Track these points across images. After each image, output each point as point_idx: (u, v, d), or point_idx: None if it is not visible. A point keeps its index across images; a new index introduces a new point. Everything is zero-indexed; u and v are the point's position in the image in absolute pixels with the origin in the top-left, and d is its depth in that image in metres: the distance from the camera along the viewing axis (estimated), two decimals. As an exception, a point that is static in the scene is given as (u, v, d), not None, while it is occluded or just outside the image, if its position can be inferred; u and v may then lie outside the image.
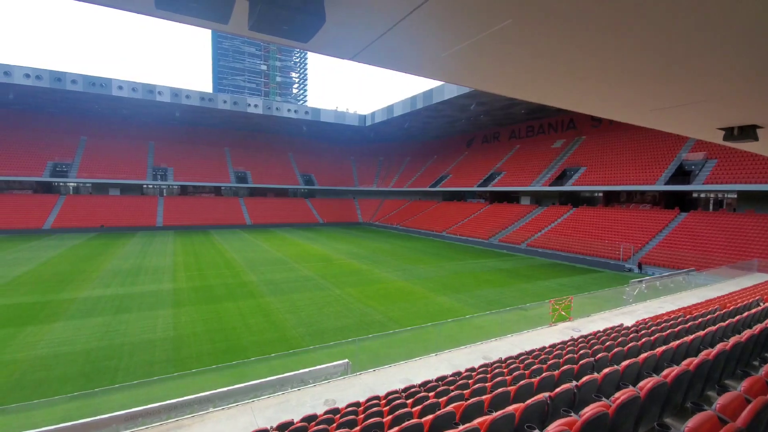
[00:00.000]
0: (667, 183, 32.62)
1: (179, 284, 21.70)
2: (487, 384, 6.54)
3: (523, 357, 9.23)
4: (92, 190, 55.09)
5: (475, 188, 52.99)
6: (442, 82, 45.84)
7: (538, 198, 48.26)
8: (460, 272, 26.83)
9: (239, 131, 69.65)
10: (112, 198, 54.66)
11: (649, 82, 3.47)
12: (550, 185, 43.16)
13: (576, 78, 3.41)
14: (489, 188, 50.97)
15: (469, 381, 7.47)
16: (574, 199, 43.88)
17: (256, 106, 57.45)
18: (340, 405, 7.90)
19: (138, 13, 2.35)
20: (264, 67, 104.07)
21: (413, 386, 8.25)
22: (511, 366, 8.15)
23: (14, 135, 52.90)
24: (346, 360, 10.91)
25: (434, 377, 8.87)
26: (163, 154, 61.43)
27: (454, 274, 26.25)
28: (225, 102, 55.26)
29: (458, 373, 8.89)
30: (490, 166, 55.44)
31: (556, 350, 9.28)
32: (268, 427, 7.06)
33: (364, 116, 66.09)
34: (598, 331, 11.14)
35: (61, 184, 52.62)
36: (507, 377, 6.90)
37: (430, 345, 13.16)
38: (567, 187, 41.25)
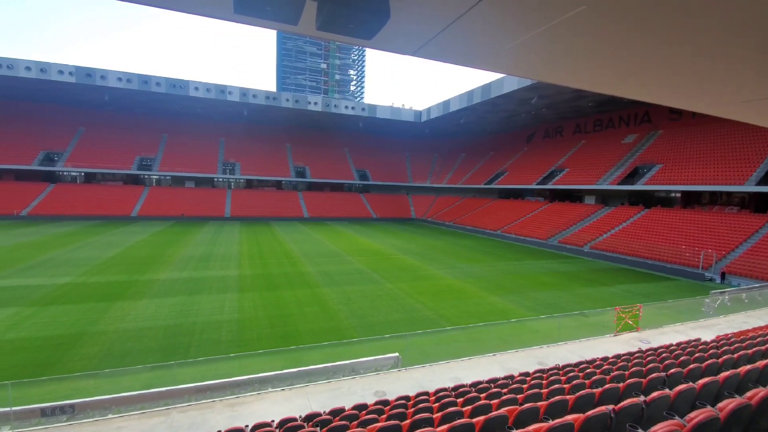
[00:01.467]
0: (759, 183, 28.64)
1: (244, 271, 23.28)
2: (542, 390, 6.28)
3: (582, 366, 8.71)
4: (171, 183, 60.87)
5: (533, 186, 50.52)
6: (502, 75, 44.17)
7: (605, 197, 44.83)
8: (515, 272, 25.83)
9: (300, 128, 72.65)
10: (188, 190, 59.99)
11: (744, 71, 3.09)
12: (618, 184, 39.85)
13: (655, 69, 3.13)
14: (549, 186, 48.31)
15: (523, 386, 7.22)
16: (646, 200, 40.15)
17: (315, 103, 59.57)
18: (390, 397, 8.02)
19: (217, 18, 2.56)
20: (324, 66, 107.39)
21: (463, 385, 8.14)
22: (570, 374, 7.73)
23: (109, 133, 59.86)
24: (396, 354, 11.04)
25: (485, 378, 8.68)
26: (232, 150, 66.00)
27: (509, 274, 25.33)
28: (288, 100, 57.93)
29: (511, 377, 8.61)
30: (552, 163, 52.49)
31: (621, 361, 8.64)
32: (321, 411, 7.38)
33: (420, 112, 65.71)
34: (671, 345, 10.17)
35: (145, 176, 58.75)
36: (565, 385, 6.57)
37: (481, 345, 12.88)
38: (639, 186, 37.81)
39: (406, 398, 7.69)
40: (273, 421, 7.19)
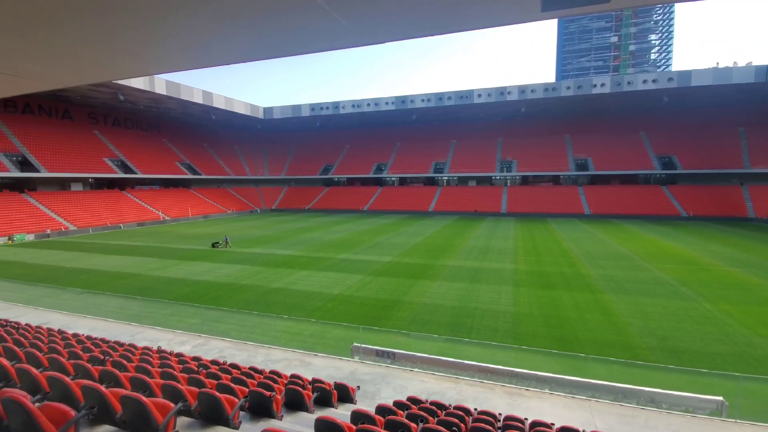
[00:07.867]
0: None
1: (519, 266, 23.79)
2: None
3: None
4: (457, 182, 69.50)
5: None
6: None
7: None
8: None
9: (581, 116, 65.90)
10: (470, 188, 66.95)
11: None
12: None
13: None
14: None
15: None
16: None
17: (602, 85, 52.34)
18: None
19: (521, 22, 2.75)
20: (614, 39, 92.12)
21: None
22: None
23: (414, 145, 74.78)
24: (720, 398, 8.52)
25: None
26: (509, 148, 68.00)
27: None
28: (568, 88, 53.90)
29: None
30: None
31: None
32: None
33: (765, 66, 45.36)
34: None
35: (438, 178, 69.88)
36: None
37: None
38: None
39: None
40: (553, 424, 7.20)
